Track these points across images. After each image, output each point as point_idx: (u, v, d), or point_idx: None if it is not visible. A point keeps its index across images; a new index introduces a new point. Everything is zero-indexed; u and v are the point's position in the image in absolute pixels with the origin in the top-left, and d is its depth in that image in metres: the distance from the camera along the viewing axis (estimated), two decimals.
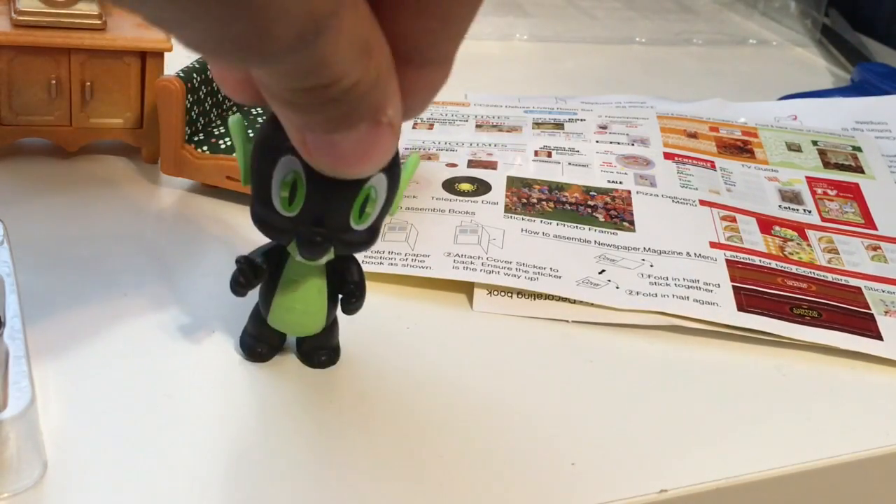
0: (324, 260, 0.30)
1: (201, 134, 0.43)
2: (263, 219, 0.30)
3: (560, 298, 0.39)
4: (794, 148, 0.54)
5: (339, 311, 0.33)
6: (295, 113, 0.24)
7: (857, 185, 0.51)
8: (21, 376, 0.28)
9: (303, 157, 0.25)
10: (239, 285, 0.32)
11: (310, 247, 0.29)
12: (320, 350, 0.34)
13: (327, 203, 0.29)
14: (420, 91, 0.26)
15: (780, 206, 0.48)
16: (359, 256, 0.33)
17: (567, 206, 0.45)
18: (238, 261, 0.32)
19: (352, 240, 0.30)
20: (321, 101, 0.23)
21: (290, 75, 0.22)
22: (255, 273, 0.32)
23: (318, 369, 0.34)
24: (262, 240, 0.35)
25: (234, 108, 0.46)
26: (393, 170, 0.29)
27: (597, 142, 0.52)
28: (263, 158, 0.29)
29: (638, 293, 0.39)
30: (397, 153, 0.29)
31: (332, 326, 0.34)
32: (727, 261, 0.42)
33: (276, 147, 0.28)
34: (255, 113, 0.45)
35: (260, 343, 0.34)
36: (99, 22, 0.42)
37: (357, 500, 0.29)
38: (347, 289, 0.32)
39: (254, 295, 0.33)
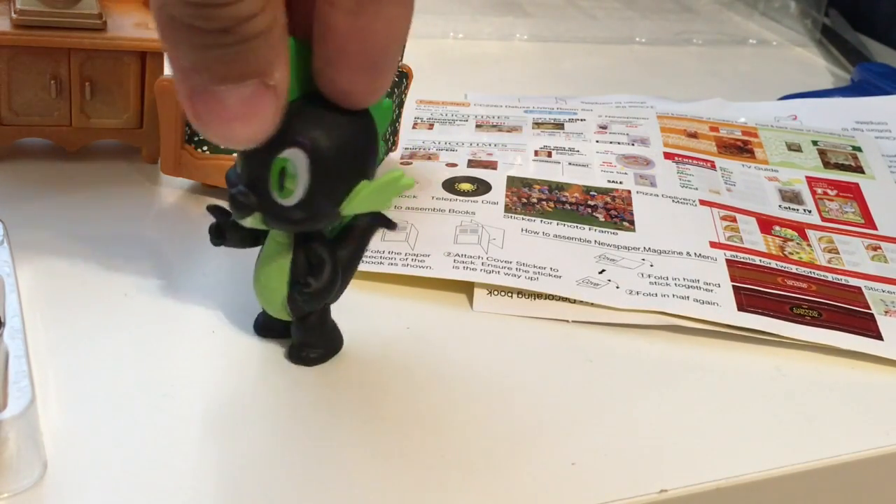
0: (249, 223, 0.30)
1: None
2: (228, 176, 0.30)
3: (560, 298, 0.39)
4: (794, 148, 0.54)
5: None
6: (185, 47, 0.25)
7: (857, 185, 0.51)
8: (21, 376, 0.28)
9: (190, 121, 0.26)
10: (211, 234, 0.33)
11: (230, 201, 0.30)
12: (306, 346, 0.33)
13: (250, 164, 0.29)
14: (380, 31, 0.26)
15: (780, 205, 0.48)
16: None
17: (567, 206, 0.45)
18: (208, 208, 0.33)
19: (279, 213, 0.30)
20: (212, 32, 0.24)
21: None
22: (225, 222, 0.32)
23: (309, 367, 0.33)
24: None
25: None
26: (319, 151, 0.29)
27: (597, 142, 0.52)
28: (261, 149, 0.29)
29: (638, 293, 0.39)
30: (352, 137, 0.29)
31: (319, 321, 0.33)
32: (727, 260, 0.42)
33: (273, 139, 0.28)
34: None
35: (267, 319, 0.34)
36: (99, 22, 0.42)
37: (357, 500, 0.29)
38: (303, 277, 0.32)
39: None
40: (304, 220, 0.30)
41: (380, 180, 0.30)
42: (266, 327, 0.35)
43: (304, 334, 0.33)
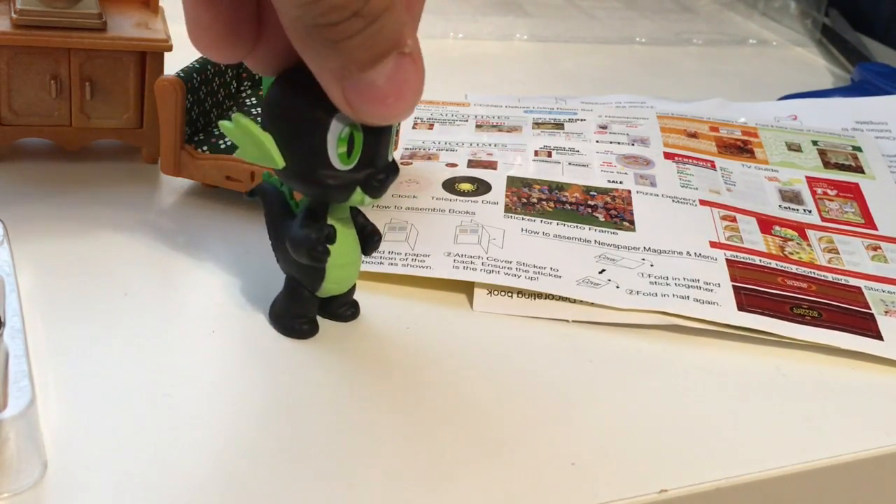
0: (362, 201, 0.32)
1: (201, 134, 0.43)
2: (324, 180, 0.31)
3: (560, 298, 0.39)
4: (794, 148, 0.54)
5: None
6: (326, 51, 0.26)
7: (857, 185, 0.51)
8: (21, 376, 0.28)
9: (348, 115, 0.28)
10: (324, 251, 0.33)
11: (381, 186, 0.31)
12: (347, 305, 0.36)
13: (379, 147, 0.31)
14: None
15: (780, 205, 0.48)
16: None
17: (567, 206, 0.45)
18: (311, 237, 0.33)
19: (391, 175, 0.32)
20: (341, 24, 0.25)
21: None
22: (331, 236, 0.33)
23: (346, 321, 0.36)
24: (262, 239, 0.35)
25: (234, 109, 0.46)
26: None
27: (597, 142, 0.52)
28: (312, 125, 0.30)
29: (638, 293, 0.39)
30: None
31: None
32: (727, 260, 0.42)
33: (323, 109, 0.29)
34: (254, 113, 0.45)
35: (305, 320, 0.35)
36: (99, 22, 0.42)
37: (358, 500, 0.29)
38: (367, 229, 0.34)
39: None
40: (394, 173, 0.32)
41: None
42: (312, 323, 0.35)
43: (344, 296, 0.36)
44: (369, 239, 0.34)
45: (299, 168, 0.31)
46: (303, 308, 0.35)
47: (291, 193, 0.35)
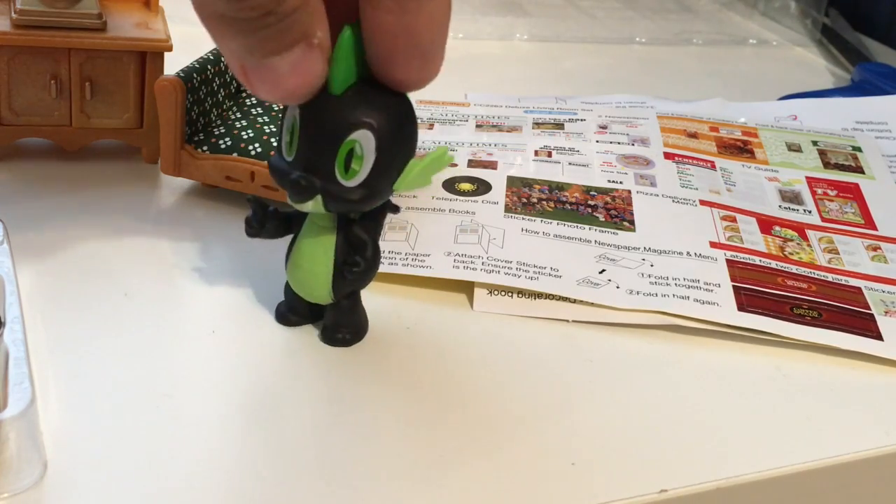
0: (309, 207, 0.31)
1: (201, 134, 0.43)
2: (273, 164, 0.31)
3: (560, 298, 0.39)
4: (794, 148, 0.54)
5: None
6: (235, 36, 0.27)
7: (857, 185, 0.51)
8: (21, 376, 0.28)
9: (245, 87, 0.29)
10: (248, 226, 0.33)
11: (292, 187, 0.30)
12: (341, 328, 0.35)
13: (312, 149, 0.30)
14: (423, 25, 0.28)
15: (780, 206, 0.48)
16: None
17: (567, 206, 0.45)
18: (249, 199, 0.34)
19: (340, 194, 0.31)
20: (257, 18, 0.26)
21: None
22: (264, 214, 0.33)
23: (344, 347, 0.35)
24: (262, 239, 0.35)
25: (234, 108, 0.46)
26: (382, 131, 0.30)
27: (597, 142, 0.52)
28: (284, 109, 0.31)
29: (638, 293, 0.39)
30: (405, 118, 0.31)
31: (352, 303, 0.35)
32: (727, 261, 0.42)
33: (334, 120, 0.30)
34: (254, 113, 0.45)
35: (290, 310, 0.35)
36: (99, 22, 0.42)
37: (357, 500, 0.29)
38: (350, 257, 0.33)
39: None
40: (364, 199, 0.31)
41: (428, 157, 0.31)
42: (292, 313, 0.35)
43: (339, 316, 0.35)
44: (342, 266, 0.33)
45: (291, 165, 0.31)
46: (287, 296, 0.35)
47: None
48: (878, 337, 0.39)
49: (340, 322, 0.35)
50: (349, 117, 0.30)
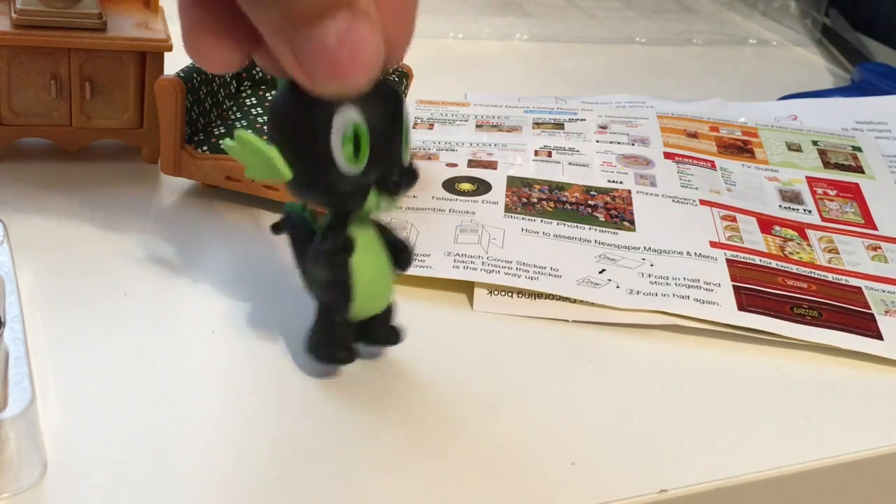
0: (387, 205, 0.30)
1: (201, 134, 0.43)
2: (333, 186, 0.29)
3: (560, 298, 0.39)
4: (794, 148, 0.54)
5: None
6: (268, 5, 0.25)
7: (857, 185, 0.51)
8: (21, 376, 0.28)
9: (303, 83, 0.26)
10: (343, 263, 0.31)
11: (396, 188, 0.29)
12: (388, 329, 0.34)
13: (389, 144, 0.29)
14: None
15: (780, 205, 0.48)
16: None
17: (567, 206, 0.45)
18: (327, 248, 0.31)
19: (410, 179, 0.30)
20: None
21: None
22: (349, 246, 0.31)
23: (389, 346, 0.34)
24: (262, 239, 0.35)
25: (234, 108, 0.46)
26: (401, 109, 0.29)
27: (597, 141, 0.52)
28: (314, 125, 0.28)
29: (638, 293, 0.39)
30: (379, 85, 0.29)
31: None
32: (727, 260, 0.42)
33: (323, 109, 0.28)
34: (254, 113, 0.45)
35: (341, 346, 0.33)
36: (99, 22, 0.42)
37: (357, 500, 0.29)
38: (398, 245, 0.32)
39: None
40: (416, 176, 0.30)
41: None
42: (346, 350, 0.33)
43: (388, 312, 0.33)
44: (400, 254, 0.32)
45: (308, 176, 0.29)
46: (337, 334, 0.33)
47: (314, 217, 0.33)
48: (878, 337, 0.39)
49: (388, 318, 0.34)
50: (398, 90, 0.29)
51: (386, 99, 0.29)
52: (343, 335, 0.33)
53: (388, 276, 0.32)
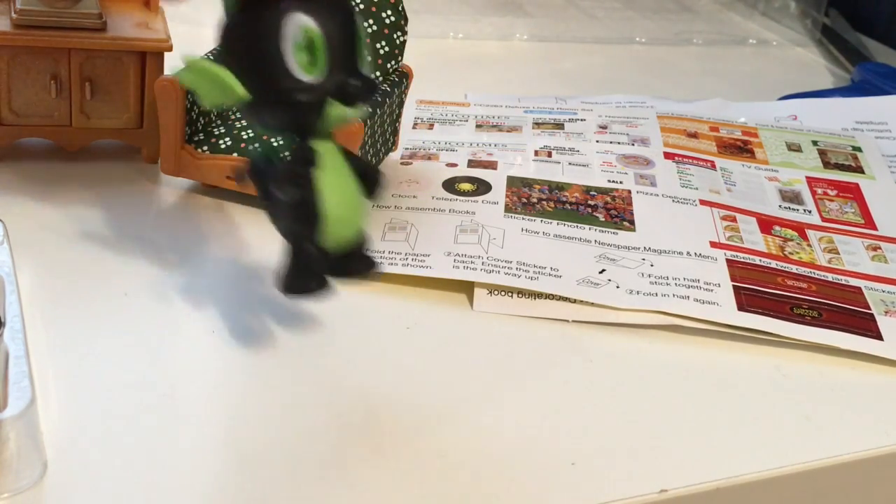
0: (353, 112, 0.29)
1: (201, 134, 0.43)
2: (291, 96, 0.28)
3: (560, 298, 0.39)
4: (794, 148, 0.54)
5: None
6: None
7: (857, 185, 0.51)
8: (21, 376, 0.28)
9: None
10: (305, 176, 0.29)
11: (357, 94, 0.28)
12: (363, 255, 0.32)
13: (346, 49, 0.28)
14: None
15: (780, 206, 0.48)
16: None
17: (567, 206, 0.45)
18: (289, 165, 0.30)
19: (368, 88, 0.29)
20: None
21: None
22: (303, 165, 0.30)
23: (360, 280, 0.32)
24: (261, 239, 0.35)
25: (234, 108, 0.46)
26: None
27: (597, 142, 0.52)
28: (267, 35, 0.27)
29: (638, 293, 0.39)
30: None
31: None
32: (727, 260, 0.42)
33: (272, 17, 0.27)
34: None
35: (313, 277, 0.31)
36: (99, 22, 0.42)
37: (357, 499, 0.29)
38: (368, 170, 0.31)
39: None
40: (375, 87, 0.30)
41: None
42: (312, 279, 0.31)
43: (363, 243, 0.32)
44: (370, 181, 0.31)
45: (263, 93, 0.28)
46: (310, 265, 0.31)
47: (275, 150, 0.31)
48: (878, 337, 0.39)
49: (360, 246, 0.32)
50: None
51: (337, 6, 0.28)
52: (315, 265, 0.31)
53: (357, 200, 0.31)
